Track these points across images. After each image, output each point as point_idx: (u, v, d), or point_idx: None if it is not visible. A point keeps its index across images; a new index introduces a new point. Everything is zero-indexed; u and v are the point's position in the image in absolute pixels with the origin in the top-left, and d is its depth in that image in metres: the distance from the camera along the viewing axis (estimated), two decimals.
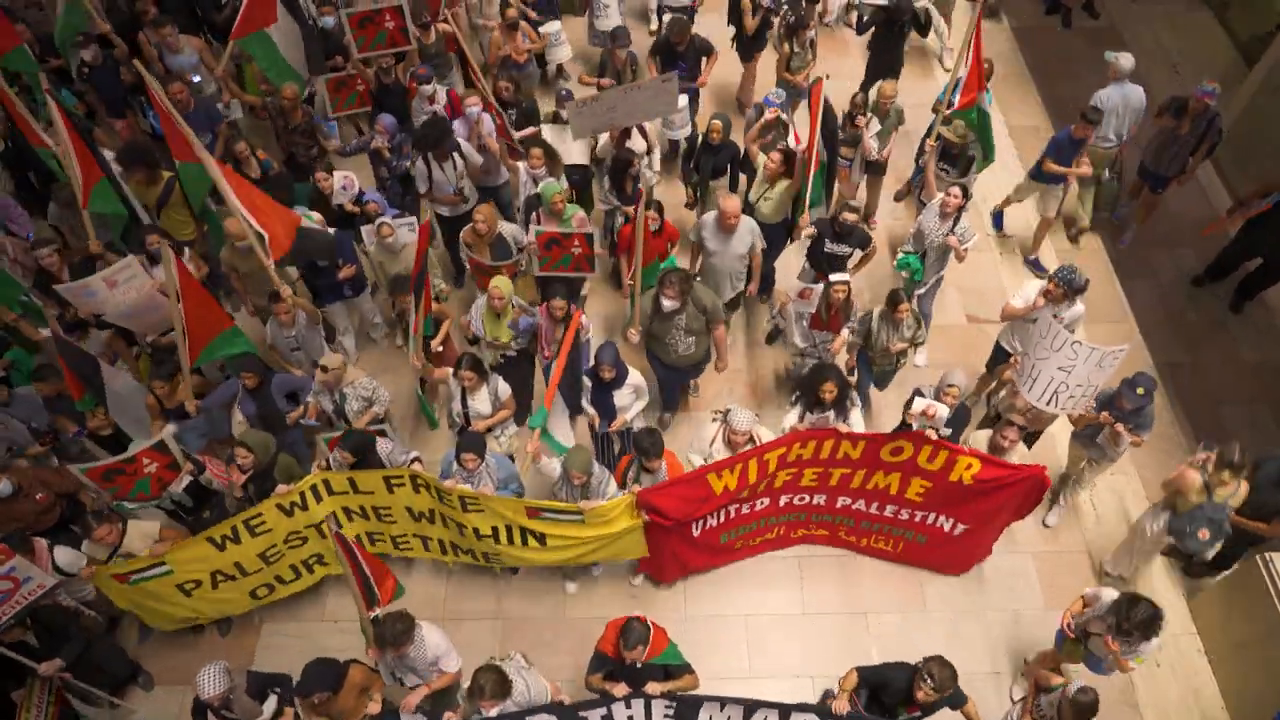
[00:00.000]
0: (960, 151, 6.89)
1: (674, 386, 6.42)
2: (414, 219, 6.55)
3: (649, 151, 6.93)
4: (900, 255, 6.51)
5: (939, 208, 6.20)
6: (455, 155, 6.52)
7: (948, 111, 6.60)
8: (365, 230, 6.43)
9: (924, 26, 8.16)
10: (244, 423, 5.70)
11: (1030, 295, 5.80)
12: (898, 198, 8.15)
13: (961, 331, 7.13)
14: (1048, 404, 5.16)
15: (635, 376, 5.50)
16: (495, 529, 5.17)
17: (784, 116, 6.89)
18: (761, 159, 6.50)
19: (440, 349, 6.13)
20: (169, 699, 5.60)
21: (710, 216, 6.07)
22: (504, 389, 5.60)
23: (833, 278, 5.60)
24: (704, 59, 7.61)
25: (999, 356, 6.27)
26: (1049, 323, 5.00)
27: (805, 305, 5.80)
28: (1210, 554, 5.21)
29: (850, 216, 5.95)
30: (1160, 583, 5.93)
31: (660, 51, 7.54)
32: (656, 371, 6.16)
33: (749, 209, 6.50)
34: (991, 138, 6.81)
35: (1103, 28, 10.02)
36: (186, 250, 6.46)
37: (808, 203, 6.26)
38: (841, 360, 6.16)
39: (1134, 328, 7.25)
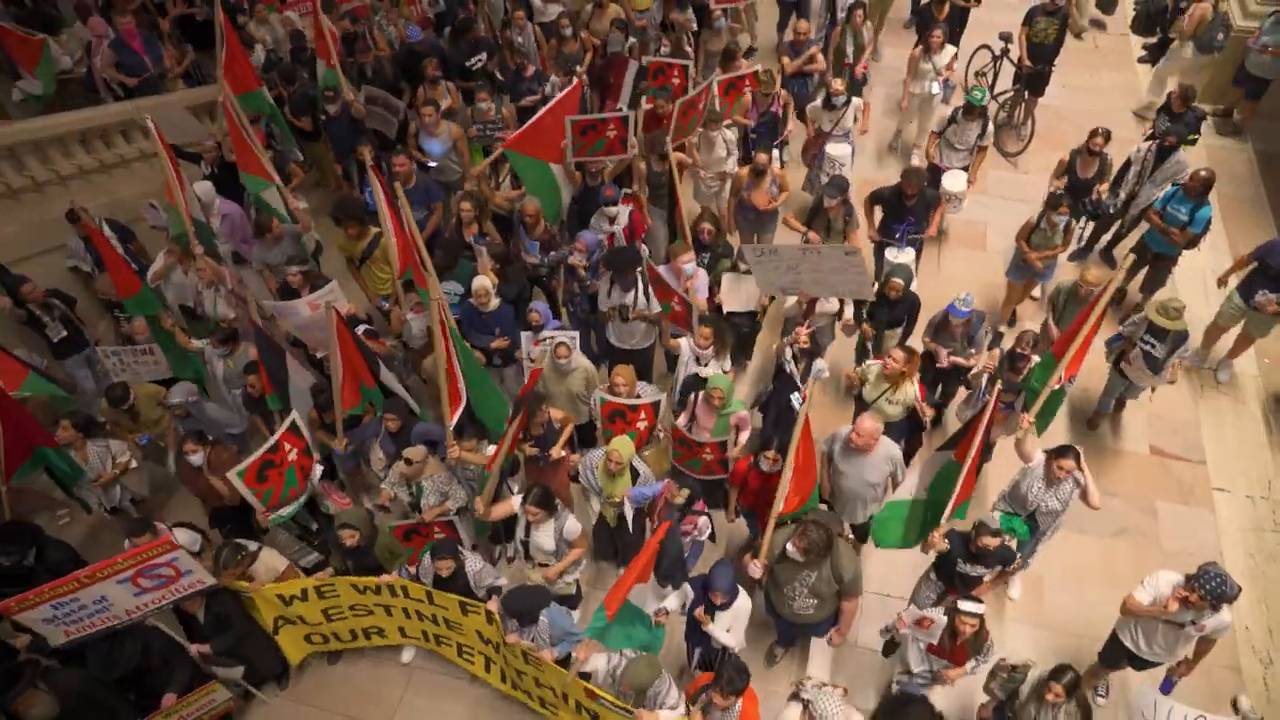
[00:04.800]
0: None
1: (791, 630, 5.54)
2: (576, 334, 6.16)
3: (840, 308, 6.50)
4: (1000, 515, 5.44)
5: (1044, 471, 5.24)
6: (639, 288, 6.25)
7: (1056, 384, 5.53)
8: (525, 338, 6.20)
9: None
10: (383, 459, 5.96)
11: (1162, 591, 4.65)
12: None
13: (1139, 462, 5.81)
14: None
15: (743, 601, 4.79)
16: (552, 687, 5.11)
17: (973, 322, 6.20)
18: (875, 368, 5.87)
19: (563, 453, 5.77)
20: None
21: (843, 430, 5.34)
22: (573, 527, 5.17)
23: (963, 607, 4.56)
24: (932, 211, 7.12)
25: (1116, 650, 5.08)
26: (1151, 699, 4.31)
27: (924, 634, 4.84)
28: None
29: (991, 542, 4.91)
30: None
31: (883, 199, 7.06)
32: (769, 614, 5.37)
33: (864, 407, 5.85)
34: (1053, 413, 5.83)
35: None
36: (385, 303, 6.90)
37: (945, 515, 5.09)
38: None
39: None
